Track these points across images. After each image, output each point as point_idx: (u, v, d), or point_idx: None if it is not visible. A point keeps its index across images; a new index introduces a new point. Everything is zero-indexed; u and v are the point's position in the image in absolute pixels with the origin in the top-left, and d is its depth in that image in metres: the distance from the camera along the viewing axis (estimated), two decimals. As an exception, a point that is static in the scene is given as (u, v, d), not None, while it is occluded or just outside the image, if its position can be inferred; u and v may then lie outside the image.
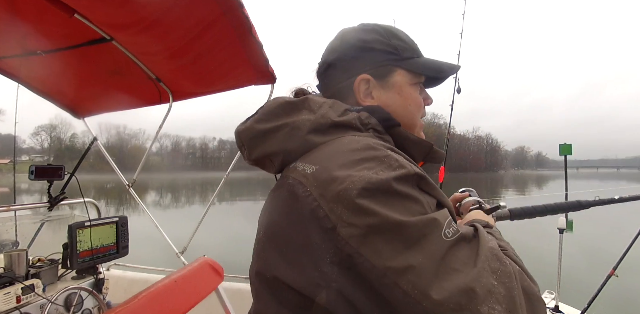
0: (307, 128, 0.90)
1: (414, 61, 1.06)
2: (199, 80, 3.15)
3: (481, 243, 0.76)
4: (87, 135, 3.91)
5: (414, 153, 0.99)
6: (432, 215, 0.73)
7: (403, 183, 0.75)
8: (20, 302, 2.24)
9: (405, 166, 0.77)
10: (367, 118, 0.94)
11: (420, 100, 1.08)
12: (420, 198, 0.76)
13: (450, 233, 0.72)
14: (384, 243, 0.71)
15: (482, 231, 0.81)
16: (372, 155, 0.80)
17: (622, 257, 2.84)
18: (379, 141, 0.87)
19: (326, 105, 0.95)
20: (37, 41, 2.65)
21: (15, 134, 5.53)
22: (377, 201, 0.73)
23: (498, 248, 0.78)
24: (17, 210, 2.73)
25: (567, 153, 15.01)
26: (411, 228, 0.71)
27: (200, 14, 2.31)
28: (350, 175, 0.76)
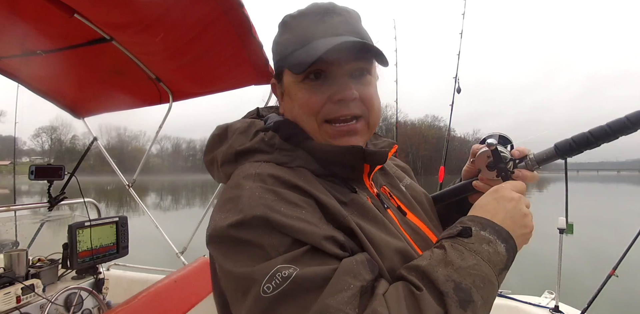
0: (220, 160, 0.93)
1: (292, 56, 0.90)
2: (199, 80, 3.15)
3: (319, 299, 0.65)
4: (87, 137, 3.93)
5: (344, 161, 0.91)
6: (249, 269, 0.69)
7: (241, 229, 0.73)
8: (20, 302, 2.24)
9: (244, 211, 0.74)
10: (271, 139, 0.91)
11: (307, 101, 0.90)
12: (263, 242, 0.72)
13: (270, 289, 0.66)
14: (227, 289, 0.75)
15: (334, 282, 0.67)
16: (232, 196, 0.80)
17: (622, 257, 2.84)
18: (259, 169, 0.84)
19: (238, 131, 0.94)
20: (37, 41, 2.65)
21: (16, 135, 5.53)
22: (216, 248, 0.77)
23: (342, 306, 0.64)
24: (17, 210, 2.73)
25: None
26: (237, 280, 0.71)
27: (200, 14, 2.32)
28: (214, 218, 0.80)
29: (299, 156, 0.89)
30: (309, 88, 0.89)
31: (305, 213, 0.77)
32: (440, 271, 0.72)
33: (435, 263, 0.74)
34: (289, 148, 0.90)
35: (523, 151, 1.03)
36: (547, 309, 2.95)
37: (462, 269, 0.72)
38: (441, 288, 0.69)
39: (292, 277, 0.66)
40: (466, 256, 0.74)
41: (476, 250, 0.76)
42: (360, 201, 0.89)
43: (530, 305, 3.05)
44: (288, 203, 0.77)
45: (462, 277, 0.71)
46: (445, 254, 0.76)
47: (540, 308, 2.99)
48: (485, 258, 0.75)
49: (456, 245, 0.77)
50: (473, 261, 0.74)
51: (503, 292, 3.23)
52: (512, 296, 3.20)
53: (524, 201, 0.89)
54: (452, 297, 0.68)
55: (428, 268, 0.73)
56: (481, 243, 0.77)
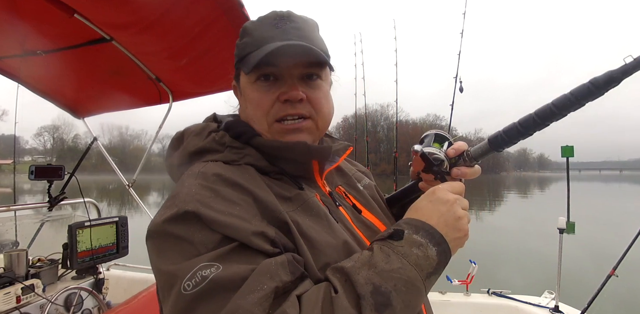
0: (177, 162, 0.96)
1: (246, 58, 0.94)
2: (199, 80, 3.15)
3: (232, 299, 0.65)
4: (89, 136, 3.91)
5: (292, 156, 0.93)
6: (174, 266, 0.70)
7: (173, 224, 0.74)
8: (20, 302, 2.25)
9: (177, 206, 0.76)
10: (222, 138, 0.94)
11: (259, 100, 0.94)
12: (193, 238, 0.72)
13: (190, 286, 0.67)
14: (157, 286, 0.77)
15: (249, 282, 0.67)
16: (172, 193, 0.82)
17: (622, 257, 2.84)
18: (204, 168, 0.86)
19: (193, 133, 0.97)
20: (37, 41, 2.66)
21: (17, 135, 5.54)
22: (150, 244, 0.78)
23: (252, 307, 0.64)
24: (17, 210, 2.73)
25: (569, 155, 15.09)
26: (164, 277, 0.72)
27: (200, 14, 2.31)
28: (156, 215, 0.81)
29: (248, 153, 0.92)
30: (260, 88, 0.93)
31: (239, 209, 0.77)
32: (362, 274, 0.71)
33: (360, 265, 0.74)
34: (238, 146, 0.93)
35: (459, 148, 0.99)
36: (547, 309, 2.95)
37: (385, 272, 0.72)
38: (358, 290, 0.69)
39: (211, 276, 0.67)
40: (392, 259, 0.74)
41: (404, 253, 0.75)
42: (304, 198, 0.91)
43: (530, 305, 3.05)
44: (224, 200, 0.78)
45: (383, 280, 0.70)
46: (371, 256, 0.75)
47: (540, 308, 3.00)
48: (412, 261, 0.74)
49: (384, 247, 0.77)
50: (398, 265, 0.73)
51: (503, 292, 3.24)
52: (512, 296, 3.20)
53: (460, 203, 0.87)
54: (368, 300, 0.68)
55: (351, 270, 0.73)
56: (411, 247, 0.76)
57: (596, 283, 2.83)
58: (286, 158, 0.93)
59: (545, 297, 3.15)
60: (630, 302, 6.48)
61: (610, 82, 0.77)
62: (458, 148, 0.99)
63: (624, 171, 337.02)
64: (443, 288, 3.36)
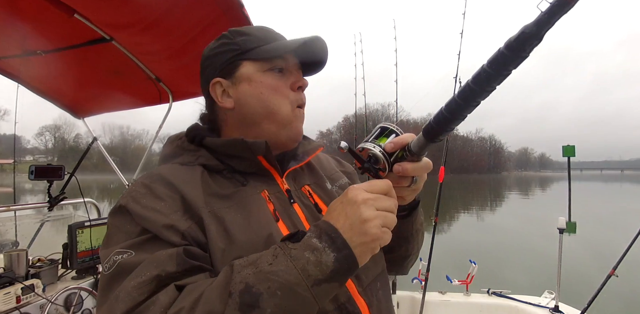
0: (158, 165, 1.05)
1: (258, 49, 1.02)
2: (199, 80, 3.14)
3: (121, 285, 0.75)
4: (90, 136, 3.91)
5: (238, 153, 0.98)
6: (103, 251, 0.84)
7: (113, 216, 0.88)
8: (20, 302, 2.24)
9: (119, 200, 0.90)
10: (182, 143, 1.05)
11: (278, 85, 1.02)
12: (122, 229, 0.85)
13: (106, 268, 0.79)
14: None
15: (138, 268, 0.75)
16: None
17: (622, 257, 2.83)
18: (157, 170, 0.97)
19: (168, 141, 1.09)
20: (37, 41, 2.66)
21: (17, 134, 5.55)
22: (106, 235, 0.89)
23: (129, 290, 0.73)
24: (17, 210, 2.73)
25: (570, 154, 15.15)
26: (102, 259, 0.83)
27: (200, 14, 2.31)
28: None
29: (201, 154, 1.00)
30: (275, 75, 1.02)
31: (163, 205, 0.86)
32: (242, 272, 0.72)
33: (247, 263, 0.74)
34: (192, 149, 1.02)
35: (398, 142, 0.88)
36: (547, 309, 2.95)
37: (263, 273, 0.71)
38: (230, 287, 0.69)
39: (118, 261, 0.78)
40: (279, 261, 0.72)
41: (294, 256, 0.72)
42: (242, 195, 0.96)
43: (530, 305, 3.05)
44: (154, 196, 0.88)
45: (257, 281, 0.70)
46: (260, 256, 0.75)
47: (540, 308, 3.00)
48: (299, 266, 0.71)
49: (278, 248, 0.75)
50: (280, 267, 0.71)
51: (503, 292, 3.24)
52: (512, 296, 3.20)
53: (375, 204, 0.79)
54: (234, 298, 0.68)
55: (236, 267, 0.73)
56: (304, 250, 0.73)
57: (596, 283, 2.82)
58: (231, 155, 0.99)
59: (545, 297, 3.15)
60: (631, 302, 6.48)
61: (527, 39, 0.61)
62: (397, 142, 0.88)
63: (626, 171, 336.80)
64: (443, 288, 3.37)
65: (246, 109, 1.02)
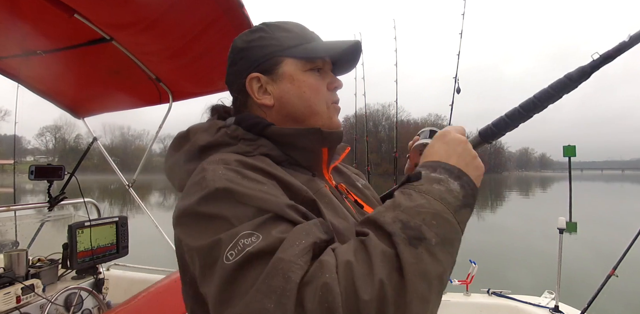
0: (183, 159, 0.95)
1: (301, 47, 1.01)
2: (199, 80, 3.15)
3: (274, 255, 0.65)
4: (90, 136, 3.92)
5: (305, 144, 0.97)
6: (212, 240, 0.70)
7: (206, 203, 0.75)
8: (20, 302, 2.25)
9: (208, 186, 0.76)
10: (234, 131, 0.96)
11: (319, 85, 1.02)
12: (227, 214, 0.73)
13: (232, 255, 0.66)
14: (195, 269, 0.75)
15: (288, 239, 0.67)
16: (195, 180, 0.82)
17: (622, 257, 2.83)
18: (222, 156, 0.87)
19: (201, 130, 0.98)
20: (37, 41, 2.66)
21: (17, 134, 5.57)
22: (182, 229, 0.79)
23: (294, 257, 0.64)
24: (17, 210, 2.73)
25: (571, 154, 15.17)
26: (202, 254, 0.71)
27: (201, 14, 2.32)
28: (177, 205, 0.82)
29: (261, 144, 0.94)
30: (315, 75, 1.01)
31: (267, 188, 0.78)
32: (387, 215, 0.71)
33: (384, 209, 0.74)
34: (251, 138, 0.95)
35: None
36: (547, 309, 2.95)
37: (410, 208, 0.71)
38: (388, 229, 0.68)
39: (253, 244, 0.66)
40: (414, 197, 0.74)
41: (425, 191, 0.75)
42: (317, 187, 0.94)
43: (530, 305, 3.05)
44: (250, 179, 0.79)
45: (410, 216, 0.70)
46: (393, 200, 0.75)
47: (540, 308, 2.99)
48: (436, 196, 0.74)
49: (405, 189, 0.77)
50: (422, 201, 0.73)
51: (503, 292, 3.23)
52: (512, 296, 3.20)
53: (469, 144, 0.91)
54: (399, 235, 0.67)
55: (376, 215, 0.72)
56: (431, 183, 0.77)
57: (596, 283, 2.82)
58: (298, 146, 0.97)
59: (545, 297, 3.15)
60: (631, 302, 6.48)
61: (582, 76, 0.89)
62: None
63: (626, 171, 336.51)
64: (443, 288, 3.36)
65: (289, 108, 1.01)
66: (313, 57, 1.01)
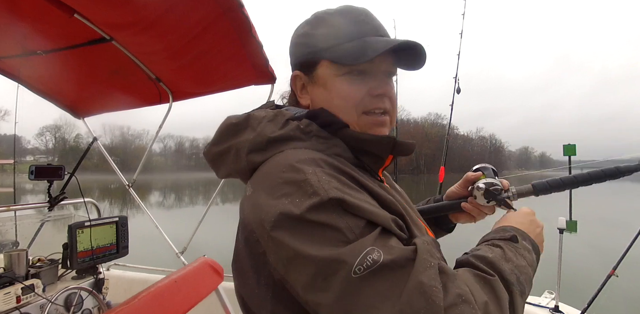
0: (247, 148, 0.91)
1: (338, 48, 0.94)
2: (199, 80, 3.15)
3: (411, 277, 0.68)
4: (90, 136, 3.92)
5: (374, 150, 0.95)
6: (336, 252, 0.69)
7: (317, 212, 0.73)
8: (20, 302, 2.24)
9: (319, 193, 0.74)
10: (307, 126, 0.93)
11: (349, 92, 0.95)
12: (340, 225, 0.72)
13: (361, 270, 0.67)
14: (301, 276, 0.73)
15: (421, 254, 0.71)
16: (291, 179, 0.78)
17: (622, 257, 2.83)
18: (311, 154, 0.85)
19: (266, 119, 0.93)
20: (37, 41, 2.66)
21: (17, 134, 5.56)
22: (288, 233, 0.74)
23: (431, 279, 0.68)
24: (17, 210, 2.73)
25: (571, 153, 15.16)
26: (320, 263, 0.70)
27: (200, 14, 2.32)
28: (269, 204, 0.77)
29: (335, 144, 0.92)
30: (350, 80, 0.95)
31: (367, 198, 0.80)
32: (504, 265, 0.83)
33: (499, 257, 0.85)
34: (325, 136, 0.92)
35: (506, 185, 1.25)
36: (547, 309, 2.94)
37: (520, 267, 0.85)
38: (508, 278, 0.80)
39: (381, 259, 0.68)
40: (519, 257, 0.88)
41: (523, 255, 0.90)
42: (388, 192, 0.93)
43: (530, 305, 3.04)
44: (350, 187, 0.80)
45: (520, 273, 0.84)
46: (504, 252, 0.88)
47: (540, 308, 2.99)
48: (529, 262, 0.90)
49: (510, 247, 0.91)
50: (524, 263, 0.88)
51: (503, 292, 3.23)
52: (512, 296, 3.20)
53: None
54: (516, 286, 0.80)
55: (495, 260, 0.83)
56: (524, 250, 0.92)
57: (596, 283, 2.82)
58: (369, 152, 0.95)
59: (545, 297, 3.14)
60: (631, 302, 6.48)
61: (631, 171, 1.19)
62: (505, 185, 1.25)
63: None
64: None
65: None
66: (341, 62, 0.94)
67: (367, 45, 0.91)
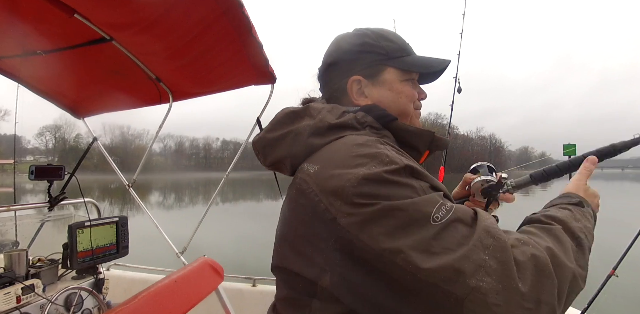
0: (308, 132, 1.00)
1: (402, 59, 1.14)
2: (199, 80, 3.15)
3: (478, 224, 0.81)
4: (90, 136, 3.92)
5: (416, 143, 1.08)
6: (422, 198, 0.82)
7: (395, 175, 0.84)
8: (20, 302, 2.24)
9: (396, 161, 0.86)
10: (363, 117, 1.03)
11: (413, 94, 1.15)
12: (414, 184, 0.85)
13: (439, 218, 0.79)
14: (380, 229, 0.80)
15: (481, 213, 0.86)
16: (365, 152, 0.89)
17: (622, 257, 2.83)
18: (373, 138, 0.96)
19: (325, 110, 1.05)
20: (37, 41, 2.66)
21: (17, 134, 5.57)
22: (371, 191, 0.82)
23: (494, 225, 0.82)
24: (17, 210, 2.73)
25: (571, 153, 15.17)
26: (402, 212, 0.80)
27: (200, 14, 2.32)
28: (346, 172, 0.86)
29: (385, 134, 1.05)
30: (410, 85, 1.16)
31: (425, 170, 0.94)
32: (574, 223, 0.97)
33: (569, 217, 0.99)
34: (378, 127, 1.05)
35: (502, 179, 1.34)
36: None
37: (587, 228, 0.99)
38: (577, 234, 0.94)
39: (453, 209, 0.82)
40: (586, 220, 1.02)
41: (588, 220, 1.03)
42: None
43: (530, 305, 3.04)
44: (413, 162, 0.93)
45: (587, 233, 0.98)
46: (572, 214, 1.01)
47: (540, 307, 2.99)
48: (592, 225, 1.03)
49: (577, 210, 1.04)
50: (588, 224, 1.01)
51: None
52: (512, 296, 3.19)
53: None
54: (584, 242, 0.94)
55: (564, 219, 0.97)
56: (589, 216, 1.05)
57: (596, 283, 2.82)
58: (411, 144, 1.08)
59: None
60: (631, 302, 6.47)
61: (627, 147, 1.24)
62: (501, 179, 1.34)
63: (626, 169, 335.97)
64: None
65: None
66: (413, 70, 1.15)
67: (427, 61, 1.16)
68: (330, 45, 1.21)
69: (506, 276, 0.75)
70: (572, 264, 0.85)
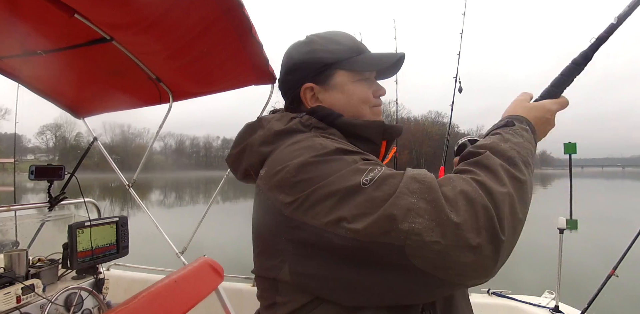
0: (258, 142, 1.07)
1: (352, 60, 1.15)
2: (199, 80, 3.15)
3: (405, 174, 0.84)
4: (90, 135, 3.92)
5: (368, 135, 1.10)
6: (349, 169, 0.86)
7: (326, 155, 0.90)
8: (20, 302, 2.24)
9: (327, 146, 0.93)
10: (307, 120, 1.08)
11: (366, 94, 1.17)
12: (345, 158, 0.90)
13: (368, 180, 0.83)
14: (319, 207, 0.84)
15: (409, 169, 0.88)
16: (302, 146, 0.96)
17: (622, 257, 2.82)
18: (313, 135, 1.02)
19: (274, 119, 1.11)
20: (37, 41, 2.65)
21: (17, 133, 5.57)
22: (308, 176, 0.88)
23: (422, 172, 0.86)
24: (17, 209, 2.73)
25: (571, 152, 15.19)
26: (334, 185, 0.84)
27: (200, 14, 2.31)
28: (285, 165, 0.92)
29: (332, 132, 1.07)
30: (363, 85, 1.17)
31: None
32: (503, 145, 0.94)
33: (497, 141, 0.97)
34: (323, 127, 1.08)
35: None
36: (547, 309, 2.94)
37: (518, 144, 0.96)
38: (508, 154, 0.92)
39: (382, 170, 0.85)
40: (516, 136, 0.99)
41: (521, 134, 1.01)
42: None
43: (530, 305, 3.04)
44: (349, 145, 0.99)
45: (520, 148, 0.95)
46: (502, 136, 0.99)
47: (540, 308, 2.99)
48: (527, 139, 1.00)
49: (507, 130, 1.03)
50: (522, 139, 0.99)
51: (503, 292, 3.23)
52: (512, 296, 3.19)
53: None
54: (518, 158, 0.92)
55: (494, 145, 0.95)
56: (522, 131, 1.03)
57: (597, 283, 2.82)
58: (363, 136, 1.10)
59: (546, 297, 3.14)
60: (631, 302, 6.48)
61: (585, 58, 1.13)
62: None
63: (627, 168, 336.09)
64: (443, 287, 3.34)
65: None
66: (362, 70, 1.15)
67: (377, 58, 1.16)
68: (283, 56, 1.24)
69: (438, 212, 0.76)
70: (504, 189, 0.83)
